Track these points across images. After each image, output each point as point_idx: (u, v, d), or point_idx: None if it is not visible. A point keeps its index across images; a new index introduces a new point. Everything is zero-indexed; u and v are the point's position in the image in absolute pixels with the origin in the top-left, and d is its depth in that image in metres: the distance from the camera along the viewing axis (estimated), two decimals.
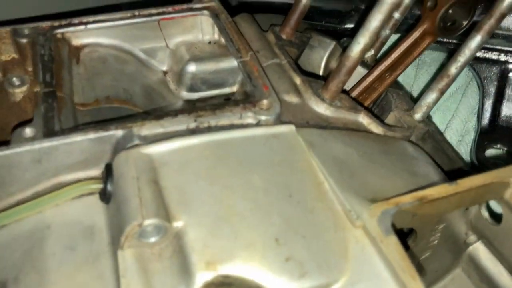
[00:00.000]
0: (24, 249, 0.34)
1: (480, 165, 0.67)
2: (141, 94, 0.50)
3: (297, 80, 0.47)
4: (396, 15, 0.55)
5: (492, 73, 0.72)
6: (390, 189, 0.37)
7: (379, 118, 0.48)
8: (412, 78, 0.78)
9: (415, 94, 0.77)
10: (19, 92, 0.47)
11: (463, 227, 0.46)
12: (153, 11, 0.52)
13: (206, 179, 0.35)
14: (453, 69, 0.48)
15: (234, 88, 0.55)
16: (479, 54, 0.72)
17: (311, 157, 0.38)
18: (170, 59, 0.55)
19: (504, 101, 0.71)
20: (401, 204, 0.34)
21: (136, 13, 0.52)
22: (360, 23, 0.83)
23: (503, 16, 0.44)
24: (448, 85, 0.49)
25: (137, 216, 0.32)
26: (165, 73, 0.55)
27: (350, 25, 0.85)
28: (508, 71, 0.71)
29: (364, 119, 0.46)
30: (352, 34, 0.85)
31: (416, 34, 0.51)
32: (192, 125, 0.39)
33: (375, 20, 0.40)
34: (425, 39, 0.52)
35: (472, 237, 0.47)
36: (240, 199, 0.34)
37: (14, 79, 0.47)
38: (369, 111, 0.47)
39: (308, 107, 0.45)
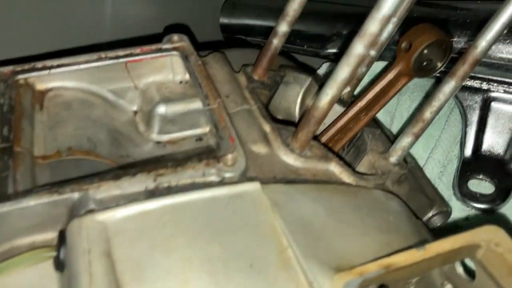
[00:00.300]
0: None
1: (462, 197, 0.66)
2: (106, 141, 0.48)
3: (267, 127, 0.45)
4: (372, 52, 0.54)
5: (474, 102, 0.71)
6: (358, 253, 0.36)
7: (351, 166, 0.47)
8: (394, 105, 0.77)
9: (397, 121, 0.76)
10: None
11: (439, 278, 0.44)
12: (120, 52, 0.51)
13: (163, 251, 0.33)
14: (427, 114, 0.46)
15: (207, 129, 0.53)
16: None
17: (275, 219, 0.36)
18: (140, 99, 0.53)
19: (486, 130, 0.70)
20: (365, 274, 0.32)
21: (103, 55, 0.50)
22: (342, 49, 0.83)
23: (476, 62, 0.43)
24: (423, 130, 0.48)
25: None
26: (135, 112, 0.54)
27: (332, 50, 0.83)
28: (491, 99, 0.70)
29: (335, 168, 0.44)
30: (335, 59, 0.84)
31: (390, 75, 0.50)
32: (151, 185, 0.38)
33: (343, 72, 0.39)
34: (400, 80, 0.50)
35: (448, 286, 0.45)
36: (197, 272, 0.32)
37: None
38: (341, 158, 0.46)
39: (277, 157, 0.43)
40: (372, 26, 0.37)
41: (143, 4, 0.83)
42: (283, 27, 0.49)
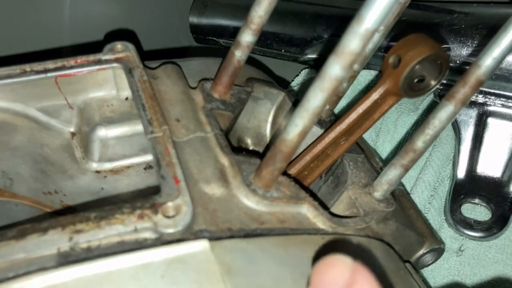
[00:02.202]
0: None
1: (455, 224, 0.59)
2: (27, 175, 0.39)
3: (225, 161, 0.37)
4: (356, 66, 0.46)
5: (469, 117, 0.63)
6: None
7: (327, 207, 0.38)
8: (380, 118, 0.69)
9: (382, 136, 0.68)
10: None
11: None
12: (50, 65, 0.41)
13: None
14: (419, 143, 0.38)
15: None
16: None
17: None
18: (77, 119, 0.45)
19: (482, 148, 0.63)
20: None
21: (27, 68, 0.41)
22: (323, 54, 0.74)
23: (479, 84, 0.35)
24: (413, 161, 0.40)
25: None
26: (72, 134, 0.45)
27: (312, 55, 0.75)
28: (487, 114, 0.63)
29: (308, 212, 0.36)
30: (315, 65, 0.76)
31: (375, 95, 0.42)
32: (65, 246, 0.29)
33: (316, 99, 0.31)
34: (387, 100, 0.42)
35: None
36: None
37: None
38: (315, 197, 0.38)
39: (235, 200, 0.35)
40: (352, 42, 0.29)
41: (106, 4, 0.73)
42: (247, 37, 0.40)
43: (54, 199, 0.39)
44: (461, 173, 0.63)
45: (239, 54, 0.41)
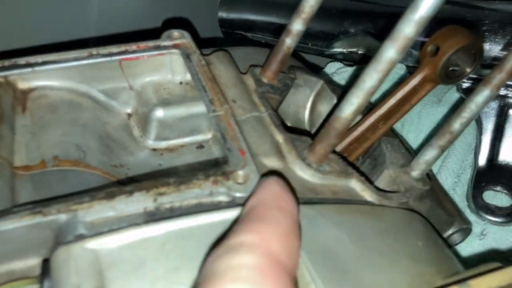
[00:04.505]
0: None
1: (477, 209, 0.62)
2: (97, 149, 0.42)
3: (280, 138, 0.40)
4: None
5: (490, 108, 0.67)
6: (388, 286, 0.31)
7: (372, 182, 0.42)
8: None
9: (407, 127, 0.71)
10: None
11: None
12: (114, 49, 0.45)
13: (167, 286, 0.28)
14: (456, 125, 0.42)
15: (209, 135, 0.48)
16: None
17: None
18: (135, 101, 0.48)
19: (503, 138, 0.66)
20: None
21: (94, 52, 0.45)
22: (349, 48, 0.78)
23: None
24: (450, 142, 0.43)
25: None
26: (129, 115, 0.49)
27: (339, 49, 0.79)
28: (508, 106, 0.66)
29: (356, 185, 0.40)
30: (342, 58, 0.79)
31: (414, 81, 0.45)
32: (151, 206, 0.32)
33: (371, 79, 0.34)
34: (424, 86, 0.46)
35: None
36: None
37: None
38: (361, 173, 0.41)
39: (291, 173, 0.38)
40: (407, 28, 0.32)
41: None
42: (297, 25, 0.44)
43: (120, 171, 0.42)
44: (482, 161, 0.66)
45: (289, 42, 0.45)
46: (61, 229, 0.31)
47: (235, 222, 0.29)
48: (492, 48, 0.63)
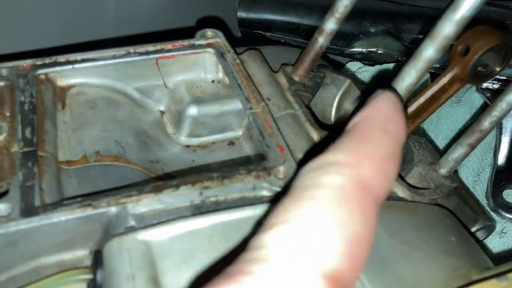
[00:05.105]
0: None
1: (496, 208, 0.63)
2: (135, 144, 0.44)
3: (315, 135, 0.41)
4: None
5: None
6: (428, 281, 0.32)
7: (404, 179, 0.43)
8: None
9: (426, 125, 0.72)
10: None
11: None
12: (150, 48, 0.46)
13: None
14: (486, 124, 0.43)
15: (239, 132, 0.49)
16: (497, 87, 0.68)
17: None
18: (168, 99, 0.49)
19: None
20: None
21: (131, 50, 0.46)
22: (369, 48, 0.79)
23: None
24: (479, 141, 0.44)
25: None
26: (162, 113, 0.50)
27: (358, 49, 0.79)
28: None
29: None
30: (361, 58, 0.80)
31: (444, 80, 0.46)
32: (197, 200, 0.33)
33: (409, 77, 0.35)
34: (453, 85, 0.46)
35: None
36: None
37: None
38: None
39: None
40: (447, 28, 0.33)
41: None
42: (331, 25, 0.45)
43: (157, 167, 0.44)
44: (502, 161, 0.67)
45: (321, 41, 0.46)
46: (111, 222, 0.32)
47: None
48: None
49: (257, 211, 0.33)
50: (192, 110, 0.47)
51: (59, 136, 0.41)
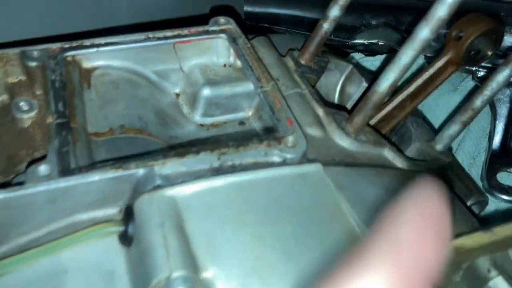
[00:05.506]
0: None
1: (491, 189, 0.66)
2: (155, 121, 0.47)
3: (320, 111, 0.45)
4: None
5: (505, 95, 0.71)
6: None
7: (402, 152, 0.47)
8: None
9: (425, 112, 0.76)
10: (27, 118, 0.45)
11: (487, 264, 0.45)
12: (168, 33, 0.50)
13: (234, 226, 0.33)
14: (478, 102, 0.47)
15: (249, 113, 0.53)
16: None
17: (340, 200, 0.36)
18: (183, 82, 0.53)
19: None
20: None
21: (151, 35, 0.50)
22: (370, 40, 0.83)
23: None
24: (471, 118, 0.48)
25: (164, 269, 0.30)
26: (177, 95, 0.54)
27: (360, 41, 0.83)
28: None
29: (389, 154, 0.44)
30: (363, 50, 0.84)
31: (439, 63, 0.50)
32: (216, 164, 0.37)
33: (406, 56, 0.39)
34: (448, 68, 0.50)
35: (494, 272, 0.46)
36: (270, 248, 0.32)
37: (22, 103, 0.45)
38: (392, 144, 0.46)
39: (332, 141, 0.43)
40: (441, 11, 0.37)
41: None
42: (335, 11, 0.49)
43: (175, 142, 0.47)
44: (496, 145, 0.71)
45: (326, 26, 0.50)
46: (139, 182, 0.36)
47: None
48: (507, 39, 0.68)
49: (268, 173, 0.37)
50: (206, 92, 0.51)
51: (87, 112, 0.45)
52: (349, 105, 0.59)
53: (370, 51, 0.84)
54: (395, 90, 0.57)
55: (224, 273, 0.31)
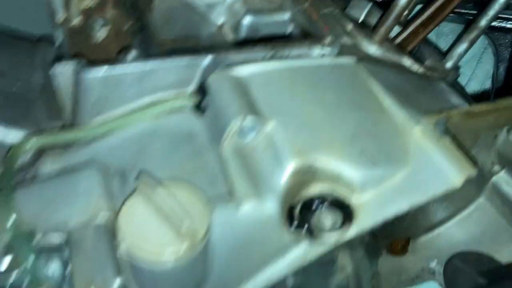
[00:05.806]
0: (136, 146, 0.41)
1: None
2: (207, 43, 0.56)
3: (349, 26, 0.54)
4: None
5: (506, 40, 0.79)
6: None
7: (418, 60, 0.55)
8: None
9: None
10: (102, 32, 0.53)
11: (490, 158, 0.53)
12: None
13: (287, 94, 0.42)
14: (483, 21, 0.55)
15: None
16: (494, 23, 0.79)
17: (371, 82, 0.45)
18: (226, 13, 0.62)
19: None
20: (451, 115, 0.41)
21: None
22: None
23: None
24: (477, 36, 0.56)
25: (238, 116, 0.38)
26: (221, 26, 0.62)
27: None
28: None
29: (407, 61, 0.53)
30: None
31: None
32: (269, 54, 0.46)
33: None
34: None
35: (497, 167, 0.54)
36: (317, 109, 0.41)
37: (97, 21, 0.54)
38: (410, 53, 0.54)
39: (360, 48, 0.52)
40: None
41: None
42: None
43: None
44: (499, 85, 0.79)
45: None
46: (207, 67, 0.45)
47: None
48: None
49: (313, 62, 0.45)
50: (250, 19, 0.59)
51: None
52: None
53: None
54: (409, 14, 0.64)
55: (284, 124, 0.39)
